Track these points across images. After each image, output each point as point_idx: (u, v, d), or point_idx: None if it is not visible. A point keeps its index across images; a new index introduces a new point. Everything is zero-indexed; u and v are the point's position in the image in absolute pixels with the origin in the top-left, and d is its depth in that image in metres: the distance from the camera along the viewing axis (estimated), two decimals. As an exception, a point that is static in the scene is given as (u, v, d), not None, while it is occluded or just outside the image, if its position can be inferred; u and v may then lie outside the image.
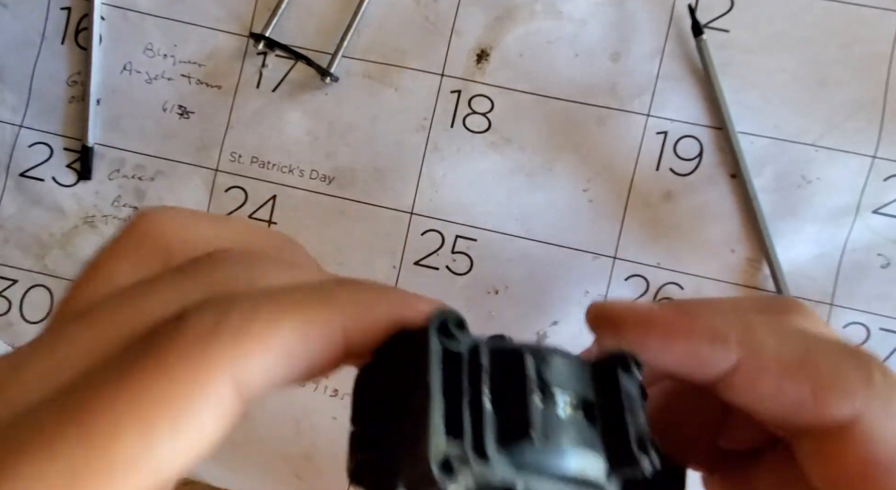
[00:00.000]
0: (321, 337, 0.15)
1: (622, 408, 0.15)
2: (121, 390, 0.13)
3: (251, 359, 0.14)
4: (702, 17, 0.38)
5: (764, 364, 0.16)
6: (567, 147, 0.39)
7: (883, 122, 0.37)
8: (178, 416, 0.13)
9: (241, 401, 0.15)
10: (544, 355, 0.16)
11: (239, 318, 0.14)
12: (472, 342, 0.16)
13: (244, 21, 0.41)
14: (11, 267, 0.42)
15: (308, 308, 0.15)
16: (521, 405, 0.15)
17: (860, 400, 0.15)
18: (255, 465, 0.40)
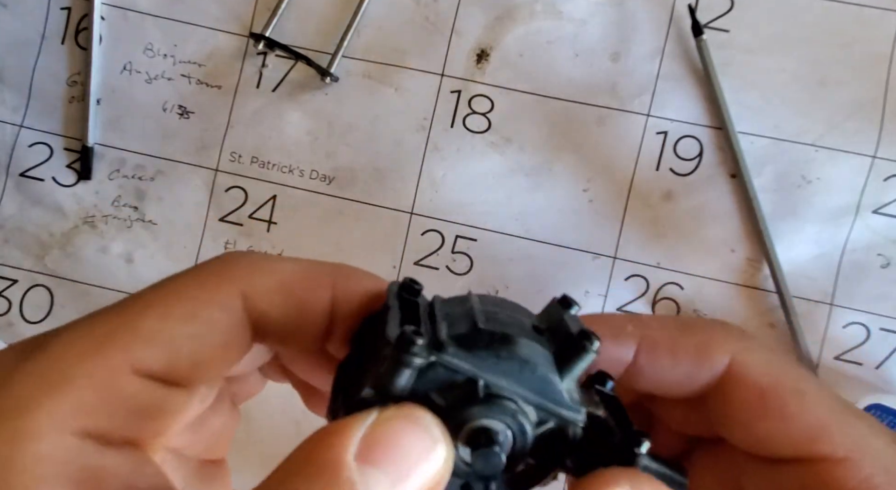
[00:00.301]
0: (317, 280, 0.18)
1: (564, 321, 0.18)
2: (154, 288, 0.18)
3: (258, 277, 0.18)
4: (702, 17, 0.38)
5: (656, 345, 0.19)
6: (567, 147, 0.39)
7: (883, 122, 0.37)
8: (191, 306, 0.17)
9: (248, 316, 0.18)
10: (491, 297, 0.19)
11: (252, 254, 0.19)
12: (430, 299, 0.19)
13: (244, 21, 0.41)
14: (11, 267, 0.42)
15: (309, 260, 0.19)
16: (469, 317, 0.17)
17: (730, 346, 0.19)
18: (255, 465, 0.40)
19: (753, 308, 0.38)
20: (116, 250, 0.41)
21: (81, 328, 0.16)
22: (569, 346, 0.17)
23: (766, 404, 0.18)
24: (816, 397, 0.18)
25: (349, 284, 0.19)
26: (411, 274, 0.40)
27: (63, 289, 0.41)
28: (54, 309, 0.42)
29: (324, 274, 0.19)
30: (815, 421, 0.18)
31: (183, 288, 0.17)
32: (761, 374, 0.19)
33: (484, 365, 0.16)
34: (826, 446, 0.18)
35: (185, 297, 0.17)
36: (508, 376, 0.16)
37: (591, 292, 0.39)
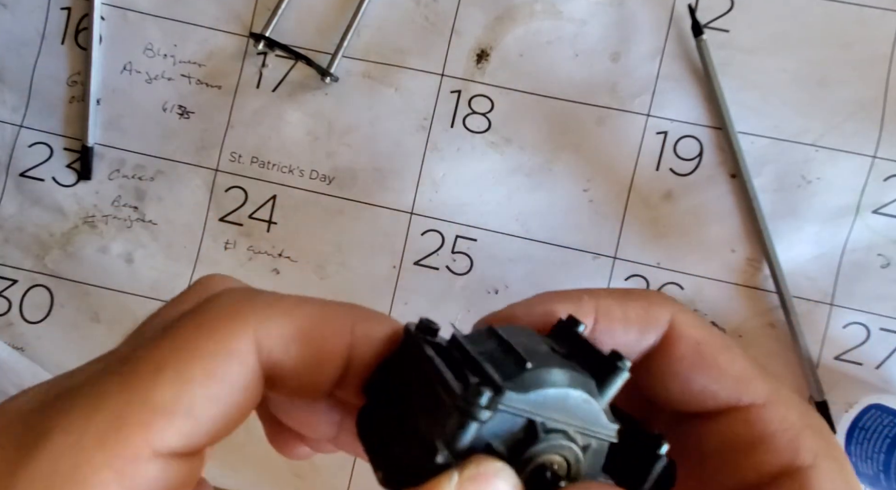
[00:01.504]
0: (335, 326, 0.17)
1: (587, 344, 0.18)
2: (161, 344, 0.15)
3: (273, 324, 0.16)
4: (702, 17, 0.38)
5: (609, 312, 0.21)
6: (567, 147, 0.39)
7: (883, 122, 0.37)
8: (209, 364, 0.15)
9: (263, 367, 0.16)
10: (508, 328, 0.19)
11: (266, 296, 0.17)
12: (448, 337, 0.18)
13: (244, 21, 0.41)
14: (11, 267, 0.42)
15: (326, 302, 0.18)
16: (511, 353, 0.17)
17: (669, 307, 0.21)
18: (255, 465, 0.40)
19: (753, 308, 0.38)
20: (116, 250, 0.41)
21: (88, 404, 0.14)
22: (602, 368, 0.18)
23: (701, 356, 0.20)
24: (740, 352, 0.21)
25: (367, 329, 0.18)
26: (411, 273, 0.40)
27: (63, 289, 0.41)
28: (54, 309, 0.42)
29: (342, 318, 0.17)
30: (742, 371, 0.20)
31: (195, 342, 0.15)
32: (696, 330, 0.20)
33: (538, 403, 0.16)
34: (751, 394, 0.20)
35: (199, 353, 0.15)
36: (559, 409, 0.16)
37: (591, 292, 0.39)
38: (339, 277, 0.40)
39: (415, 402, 0.17)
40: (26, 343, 0.42)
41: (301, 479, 0.40)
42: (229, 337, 0.16)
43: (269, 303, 0.17)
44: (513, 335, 0.18)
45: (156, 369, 0.15)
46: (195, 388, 0.15)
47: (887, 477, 0.32)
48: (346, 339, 0.17)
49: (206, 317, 0.16)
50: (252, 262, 0.41)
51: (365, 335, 0.18)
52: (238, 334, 0.16)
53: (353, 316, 0.18)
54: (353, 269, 0.40)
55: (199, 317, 0.16)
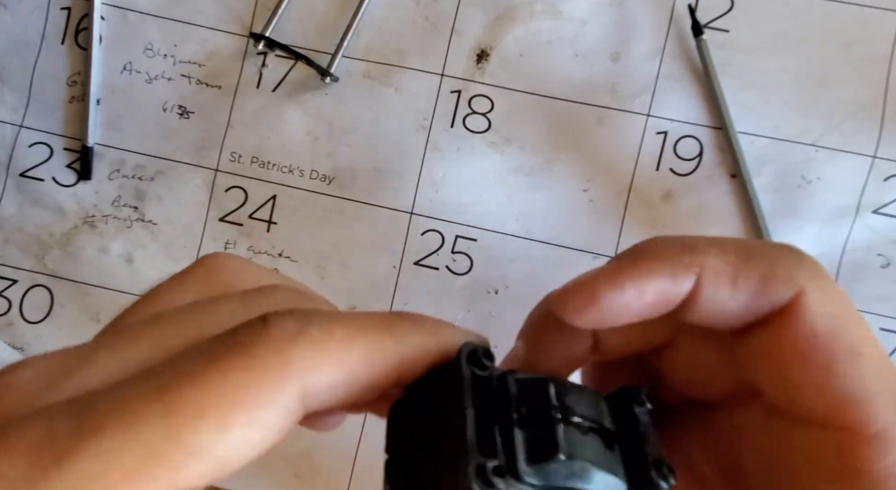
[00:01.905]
0: (383, 363, 0.16)
1: (639, 436, 0.17)
2: (207, 377, 0.14)
3: (322, 370, 0.15)
4: (702, 17, 0.38)
5: (716, 278, 0.17)
6: (567, 147, 0.39)
7: (883, 122, 0.37)
8: (253, 410, 0.14)
9: (303, 409, 0.15)
10: (565, 384, 0.17)
11: (318, 331, 0.15)
12: (500, 371, 0.17)
13: (244, 21, 0.41)
14: (11, 267, 0.42)
15: (376, 335, 0.16)
16: (548, 428, 0.16)
17: (799, 280, 0.17)
18: (255, 465, 0.40)
19: (753, 308, 0.38)
20: (116, 250, 0.41)
21: (123, 432, 0.13)
22: (640, 474, 0.16)
23: (814, 352, 0.16)
24: (870, 363, 0.17)
25: (416, 356, 0.17)
26: (411, 273, 0.40)
27: (63, 289, 0.41)
28: (54, 309, 0.42)
29: (392, 353, 0.16)
30: (858, 386, 0.16)
31: (241, 389, 0.14)
32: (821, 319, 0.17)
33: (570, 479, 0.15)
34: (860, 417, 0.16)
35: (242, 402, 0.14)
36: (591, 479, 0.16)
37: (591, 292, 0.39)
38: (339, 277, 0.40)
39: (443, 429, 0.16)
40: (26, 343, 0.42)
41: (301, 479, 0.40)
42: (278, 389, 0.14)
43: (321, 345, 0.15)
44: (569, 398, 0.17)
45: (198, 412, 0.14)
46: (233, 435, 0.14)
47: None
48: (394, 372, 0.16)
49: (255, 360, 0.14)
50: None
51: (413, 363, 0.17)
52: (286, 387, 0.15)
53: (401, 347, 0.16)
54: (353, 269, 0.40)
55: (245, 355, 0.15)
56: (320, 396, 0.15)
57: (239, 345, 0.15)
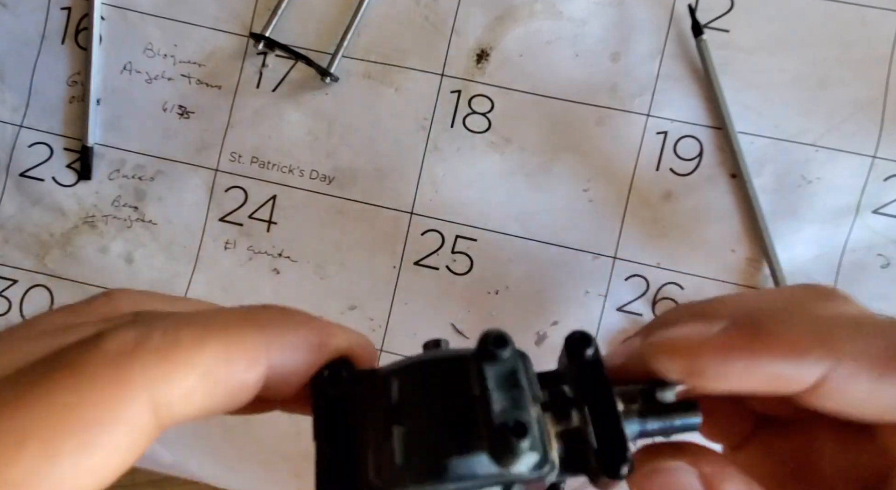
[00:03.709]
0: (246, 360, 0.15)
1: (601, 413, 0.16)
2: (26, 403, 0.13)
3: (172, 380, 0.14)
4: (702, 17, 0.38)
5: (854, 370, 0.15)
6: (567, 147, 0.39)
7: (883, 122, 0.37)
8: (87, 434, 0.13)
9: (158, 424, 0.14)
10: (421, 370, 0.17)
11: (161, 337, 0.14)
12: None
13: (244, 21, 0.41)
14: (11, 267, 0.42)
15: (233, 328, 0.15)
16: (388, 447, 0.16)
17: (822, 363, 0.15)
18: (255, 465, 0.40)
19: (753, 308, 0.38)
20: (116, 250, 0.41)
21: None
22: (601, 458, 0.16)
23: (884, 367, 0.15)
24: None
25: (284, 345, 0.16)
26: (411, 273, 0.40)
27: (63, 289, 0.41)
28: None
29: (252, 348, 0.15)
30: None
31: (69, 409, 0.13)
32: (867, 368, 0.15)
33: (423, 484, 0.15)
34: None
35: (71, 425, 0.12)
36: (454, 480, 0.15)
37: (591, 292, 0.39)
38: (339, 277, 0.40)
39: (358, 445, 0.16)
40: (26, 343, 0.42)
41: (301, 479, 0.40)
42: (118, 407, 0.13)
43: (165, 351, 0.14)
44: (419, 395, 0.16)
45: (18, 442, 0.12)
46: (65, 463, 0.12)
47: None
48: (263, 369, 0.15)
49: (85, 375, 0.13)
50: (252, 262, 0.41)
51: (288, 357, 0.16)
52: (128, 403, 0.13)
53: (267, 340, 0.15)
54: (353, 269, 0.40)
55: (74, 374, 0.13)
56: (177, 406, 0.14)
57: (66, 365, 0.13)
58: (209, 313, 0.15)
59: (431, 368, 0.17)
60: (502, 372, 0.16)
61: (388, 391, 0.16)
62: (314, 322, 0.17)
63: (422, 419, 0.16)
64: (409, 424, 0.16)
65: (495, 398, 0.15)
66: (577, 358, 0.17)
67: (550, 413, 0.17)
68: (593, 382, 0.17)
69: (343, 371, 0.17)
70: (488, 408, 0.15)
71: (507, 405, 0.15)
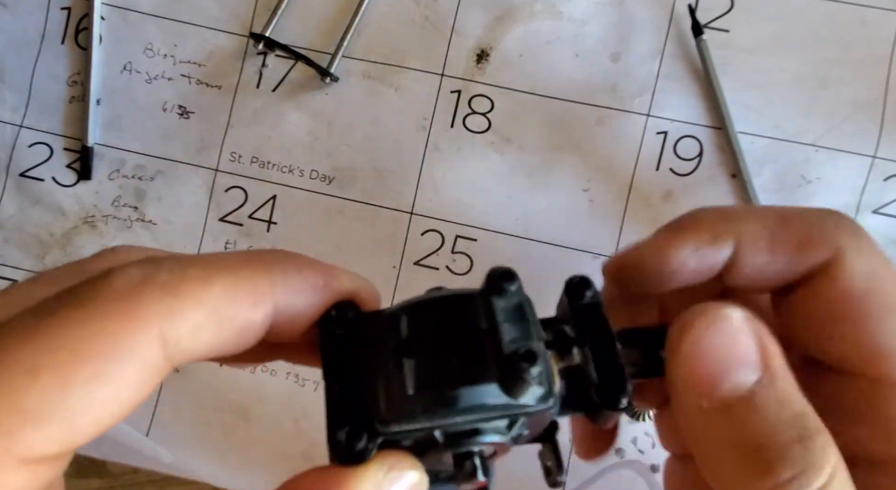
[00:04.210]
0: (252, 298, 0.15)
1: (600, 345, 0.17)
2: (39, 334, 0.13)
3: (180, 315, 0.14)
4: (702, 17, 0.38)
5: (754, 243, 0.18)
6: (567, 147, 0.39)
7: (883, 122, 0.37)
8: (99, 365, 0.13)
9: (168, 360, 0.14)
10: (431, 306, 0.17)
11: (168, 275, 0.14)
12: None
13: (244, 21, 0.41)
14: (11, 267, 0.42)
15: (237, 267, 0.15)
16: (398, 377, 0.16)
17: (837, 241, 0.18)
18: (255, 465, 0.40)
19: (753, 308, 0.38)
20: (116, 250, 0.41)
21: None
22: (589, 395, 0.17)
23: (850, 309, 0.17)
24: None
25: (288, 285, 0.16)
26: (411, 273, 0.40)
27: (63, 289, 0.41)
28: None
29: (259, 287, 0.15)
30: (888, 340, 0.17)
31: (80, 341, 0.13)
32: (858, 278, 0.17)
33: (435, 413, 0.16)
34: (888, 368, 0.17)
35: (86, 354, 0.13)
36: (464, 410, 0.16)
37: (591, 292, 0.39)
38: (339, 277, 0.40)
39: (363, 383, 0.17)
40: (26, 343, 0.42)
41: (301, 479, 0.40)
42: (124, 337, 0.13)
43: (173, 287, 0.14)
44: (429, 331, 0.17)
45: (31, 371, 0.13)
46: (77, 392, 0.13)
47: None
48: (269, 308, 0.16)
49: (95, 309, 0.13)
50: (252, 262, 0.41)
51: (293, 298, 0.16)
52: (138, 336, 0.13)
53: (272, 279, 0.16)
54: (353, 269, 0.40)
55: (84, 308, 0.13)
56: (185, 343, 0.14)
57: (77, 299, 0.14)
58: (215, 255, 0.16)
59: (440, 305, 0.17)
60: (510, 306, 0.17)
61: (396, 327, 0.17)
62: (318, 264, 0.17)
63: (431, 352, 0.16)
64: (419, 357, 0.16)
65: (504, 330, 0.16)
66: (576, 300, 0.18)
67: (553, 350, 0.17)
68: (593, 322, 0.18)
69: (349, 312, 0.17)
70: (498, 339, 0.16)
71: (517, 335, 0.16)
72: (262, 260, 0.16)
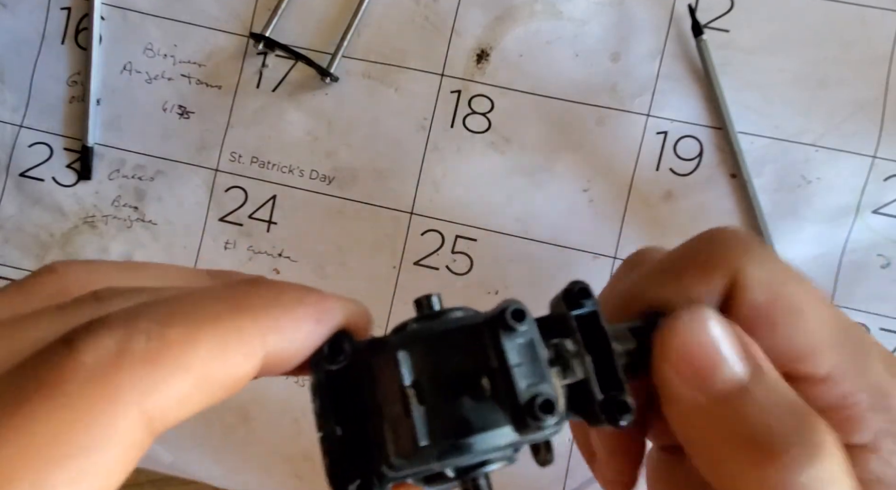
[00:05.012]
0: (241, 352, 0.14)
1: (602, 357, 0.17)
2: (5, 437, 0.11)
3: (164, 388, 0.12)
4: (702, 17, 0.38)
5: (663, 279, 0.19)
6: (567, 147, 0.39)
7: (883, 122, 0.37)
8: (78, 462, 0.12)
9: (151, 434, 0.13)
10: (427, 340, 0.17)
11: (146, 341, 0.12)
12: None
13: (244, 21, 0.41)
14: (11, 267, 0.42)
15: (224, 317, 0.14)
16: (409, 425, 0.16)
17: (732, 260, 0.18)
18: (255, 465, 0.40)
19: (753, 308, 0.38)
20: (116, 250, 0.41)
21: None
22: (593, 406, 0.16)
23: (760, 322, 0.17)
24: (813, 316, 0.18)
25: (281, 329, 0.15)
26: (411, 273, 0.40)
27: (63, 289, 0.41)
28: None
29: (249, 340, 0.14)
30: (805, 341, 0.17)
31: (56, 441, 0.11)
32: (759, 290, 0.17)
33: (448, 459, 0.15)
34: (809, 366, 0.17)
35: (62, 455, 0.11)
36: (470, 450, 0.15)
37: (591, 292, 0.39)
38: (339, 277, 0.40)
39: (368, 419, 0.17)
40: (26, 343, 0.42)
41: (301, 479, 0.40)
42: (102, 425, 0.12)
43: (152, 358, 0.12)
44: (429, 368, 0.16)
45: (8, 479, 0.11)
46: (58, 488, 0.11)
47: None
48: (256, 360, 0.14)
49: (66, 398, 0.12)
50: (252, 262, 0.41)
51: (279, 347, 0.15)
52: (114, 419, 0.12)
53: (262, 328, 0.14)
54: (353, 269, 0.40)
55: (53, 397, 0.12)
56: (171, 413, 0.13)
57: (43, 385, 0.12)
58: (195, 298, 0.14)
59: (445, 340, 0.16)
60: (521, 344, 0.16)
61: (398, 366, 0.16)
62: (309, 298, 0.16)
63: (441, 395, 0.16)
64: (428, 401, 0.16)
65: (517, 373, 0.16)
66: (575, 309, 0.18)
67: (557, 367, 0.17)
68: (592, 334, 0.17)
69: (345, 344, 0.16)
70: (511, 382, 0.15)
71: (532, 381, 0.16)
72: (250, 304, 0.14)
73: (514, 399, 0.15)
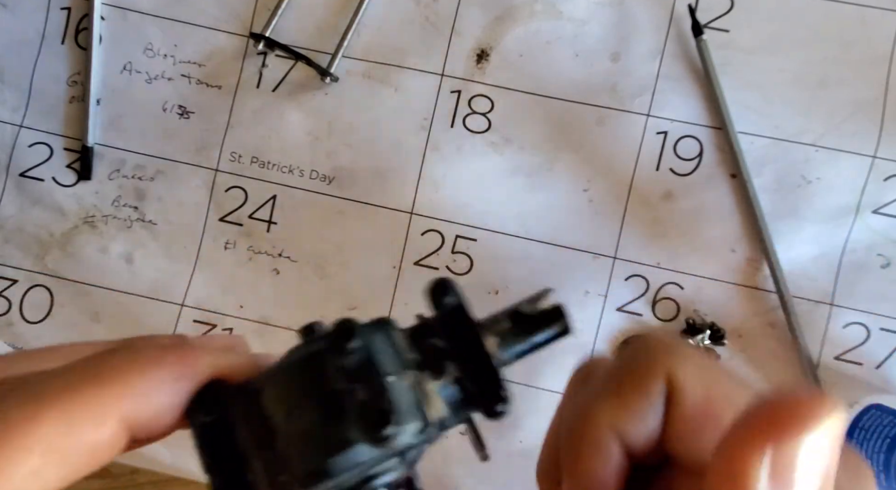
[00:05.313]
0: (89, 420, 0.14)
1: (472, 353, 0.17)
2: None
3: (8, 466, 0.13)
4: (702, 17, 0.38)
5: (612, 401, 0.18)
6: (567, 147, 0.39)
7: (883, 122, 0.37)
8: None
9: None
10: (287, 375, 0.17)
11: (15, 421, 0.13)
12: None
13: (244, 21, 0.41)
14: (11, 267, 0.42)
15: (72, 389, 0.14)
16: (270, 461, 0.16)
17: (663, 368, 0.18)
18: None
19: (753, 308, 0.38)
20: (116, 250, 0.41)
21: None
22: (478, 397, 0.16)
23: (697, 425, 0.18)
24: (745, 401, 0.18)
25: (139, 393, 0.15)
26: (411, 273, 0.40)
27: (63, 289, 0.41)
28: (54, 309, 0.42)
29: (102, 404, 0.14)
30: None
31: None
32: (693, 394, 0.18)
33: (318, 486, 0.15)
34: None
35: None
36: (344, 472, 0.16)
37: (591, 292, 0.39)
38: (339, 277, 0.40)
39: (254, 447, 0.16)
40: (26, 343, 0.42)
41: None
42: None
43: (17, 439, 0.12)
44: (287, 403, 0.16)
45: None
46: None
47: (887, 476, 0.32)
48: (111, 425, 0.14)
49: None
50: (252, 262, 0.41)
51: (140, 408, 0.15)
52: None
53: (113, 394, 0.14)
54: (353, 269, 0.40)
55: None
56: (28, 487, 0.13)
57: None
58: (43, 380, 0.14)
59: (293, 372, 0.17)
60: (356, 361, 0.16)
61: (260, 404, 0.16)
62: (170, 355, 0.16)
63: (295, 426, 0.16)
64: (286, 433, 0.16)
65: (356, 389, 0.16)
66: (440, 306, 0.17)
67: (428, 371, 0.17)
68: (460, 329, 0.17)
69: (219, 391, 0.17)
70: (353, 400, 0.16)
71: (368, 395, 0.16)
72: (99, 373, 0.14)
73: (356, 415, 0.16)
